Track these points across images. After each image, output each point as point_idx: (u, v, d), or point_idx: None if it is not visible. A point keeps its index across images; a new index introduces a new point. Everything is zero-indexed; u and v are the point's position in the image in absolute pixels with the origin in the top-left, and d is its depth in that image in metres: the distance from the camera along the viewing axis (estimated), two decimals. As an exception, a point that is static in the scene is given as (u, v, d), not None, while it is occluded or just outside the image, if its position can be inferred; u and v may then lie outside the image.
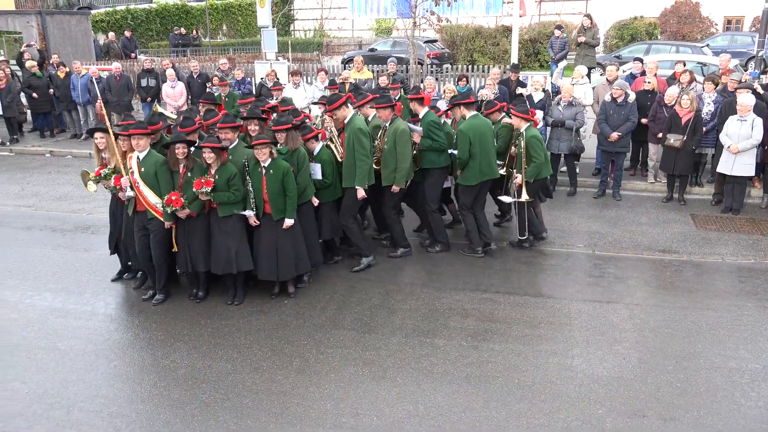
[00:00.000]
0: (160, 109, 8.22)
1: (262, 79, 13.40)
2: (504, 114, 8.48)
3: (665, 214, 9.67)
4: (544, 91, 10.79)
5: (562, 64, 13.15)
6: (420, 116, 7.99)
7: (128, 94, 14.71)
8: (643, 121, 10.29)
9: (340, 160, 7.52)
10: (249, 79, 14.69)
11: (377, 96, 7.84)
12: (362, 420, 5.01)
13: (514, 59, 14.74)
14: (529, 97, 10.56)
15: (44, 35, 19.93)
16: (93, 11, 28.75)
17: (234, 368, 5.71)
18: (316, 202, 7.31)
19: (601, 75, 15.20)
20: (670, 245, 8.47)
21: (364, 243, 7.85)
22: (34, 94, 14.83)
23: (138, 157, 6.61)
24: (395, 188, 7.64)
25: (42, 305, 7.00)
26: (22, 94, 15.29)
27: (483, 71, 15.36)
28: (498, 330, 6.34)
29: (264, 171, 6.64)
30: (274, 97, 11.37)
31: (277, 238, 6.80)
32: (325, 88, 11.66)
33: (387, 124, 7.67)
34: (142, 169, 6.55)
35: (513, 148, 8.14)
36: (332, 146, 7.65)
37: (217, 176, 6.45)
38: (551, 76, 13.29)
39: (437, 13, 14.67)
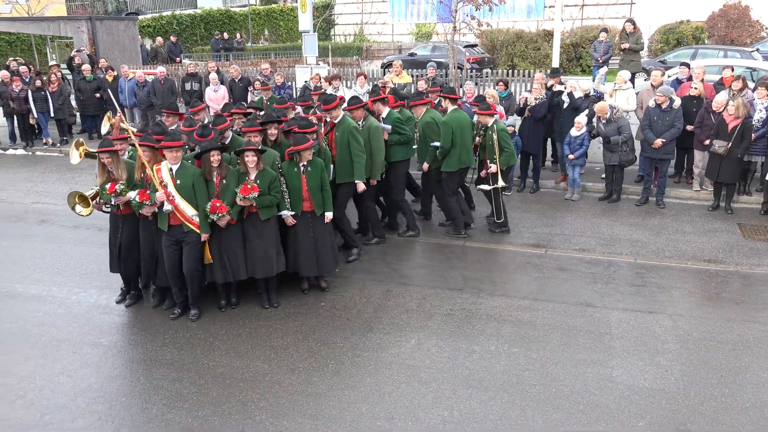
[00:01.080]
0: (123, 125, 7.22)
1: (306, 82, 13.55)
2: (426, 109, 8.99)
3: (711, 223, 9.41)
4: (587, 96, 10.65)
5: (604, 69, 12.92)
6: (384, 115, 8.64)
7: (172, 98, 15.05)
8: (689, 127, 10.04)
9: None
10: (289, 83, 14.87)
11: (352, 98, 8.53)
12: (397, 424, 5.01)
13: (555, 64, 14.57)
14: (570, 95, 10.45)
15: (94, 40, 20.55)
16: (140, 17, 29.56)
17: (271, 369, 5.77)
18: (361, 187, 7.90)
19: (645, 80, 14.89)
20: (716, 255, 8.23)
21: (354, 236, 8.50)
22: (97, 94, 15.18)
23: (171, 170, 6.35)
24: (372, 181, 8.33)
25: (88, 302, 7.21)
26: (72, 96, 15.79)
27: (523, 76, 15.22)
28: (535, 337, 6.26)
29: (303, 169, 6.84)
30: (315, 103, 11.50)
31: (315, 234, 7.02)
32: (366, 93, 11.73)
33: (361, 123, 8.20)
34: (178, 182, 6.31)
35: (477, 138, 8.94)
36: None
37: (258, 181, 6.54)
38: (593, 81, 13.08)
39: (477, 17, 14.61)
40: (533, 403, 5.24)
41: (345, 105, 8.37)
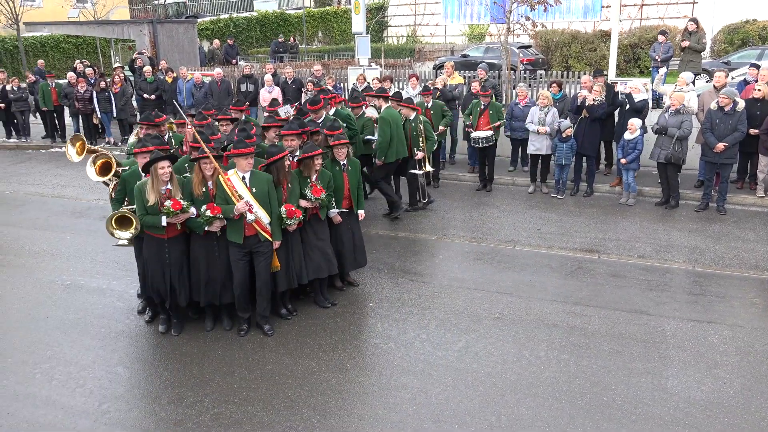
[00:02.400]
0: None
1: (354, 84, 13.65)
2: (364, 110, 9.88)
3: (776, 231, 9.01)
4: (653, 99, 10.40)
5: (663, 70, 12.54)
6: (332, 113, 9.07)
7: (228, 99, 15.41)
8: (753, 131, 9.64)
9: None
10: (341, 85, 14.99)
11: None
12: (443, 427, 4.98)
13: (612, 65, 14.23)
14: (629, 95, 10.20)
15: (155, 43, 21.23)
16: (199, 20, 30.39)
17: (319, 367, 5.84)
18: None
19: (707, 82, 14.38)
20: (781, 265, 7.88)
21: (395, 197, 9.90)
22: (152, 96, 15.70)
23: (244, 178, 6.10)
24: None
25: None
26: (133, 97, 16.35)
27: (578, 77, 14.90)
28: (587, 345, 6.12)
29: (344, 168, 7.07)
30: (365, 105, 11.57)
31: (353, 231, 7.26)
32: (418, 93, 11.73)
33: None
34: (254, 190, 6.06)
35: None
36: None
37: (319, 181, 6.63)
38: (652, 82, 12.72)
39: (532, 18, 14.40)
40: (583, 411, 5.13)
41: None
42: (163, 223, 5.95)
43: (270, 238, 6.19)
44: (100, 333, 6.58)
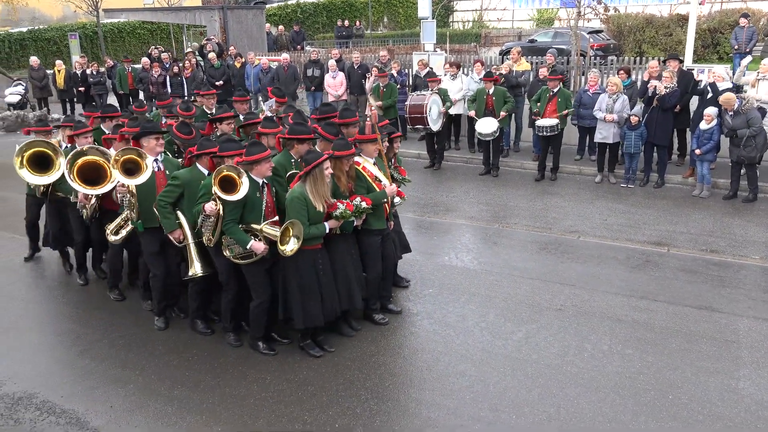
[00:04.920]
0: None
1: (416, 70, 13.59)
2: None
3: None
4: (737, 90, 9.90)
5: (747, 60, 11.80)
6: None
7: (294, 84, 15.63)
8: None
9: None
10: (405, 71, 14.95)
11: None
12: (500, 416, 4.95)
13: (689, 50, 13.58)
14: (713, 84, 9.73)
15: (225, 28, 21.75)
16: (267, 6, 30.90)
17: (377, 350, 5.89)
18: None
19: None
20: None
21: None
22: (219, 82, 16.13)
23: (376, 163, 6.05)
24: None
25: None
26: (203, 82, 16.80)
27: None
28: (653, 340, 5.93)
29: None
30: (429, 88, 11.52)
31: None
32: (480, 79, 11.58)
33: None
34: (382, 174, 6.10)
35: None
36: None
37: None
38: (733, 72, 12.06)
39: (604, 1, 13.93)
40: (647, 408, 4.99)
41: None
42: (327, 230, 5.55)
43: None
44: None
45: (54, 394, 5.35)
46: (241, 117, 7.61)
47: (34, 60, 18.43)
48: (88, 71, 17.28)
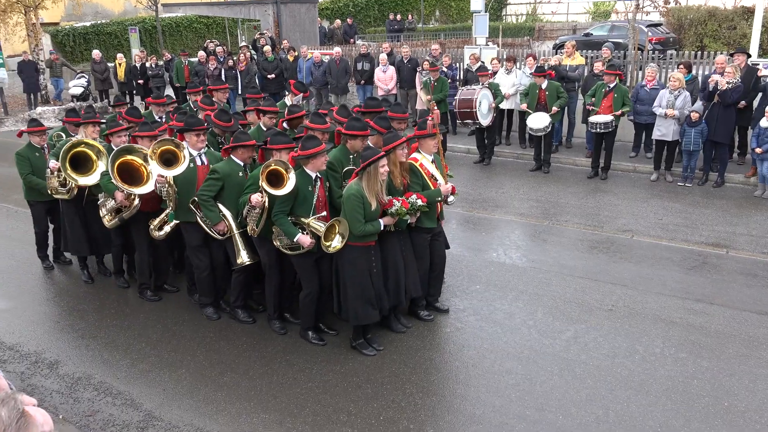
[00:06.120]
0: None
1: (467, 64, 13.47)
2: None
3: None
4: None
5: None
6: None
7: (345, 77, 15.73)
8: None
9: None
10: (456, 65, 14.83)
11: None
12: (546, 416, 4.89)
13: (755, 45, 13.02)
14: None
15: (278, 22, 22.03)
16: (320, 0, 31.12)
17: (423, 345, 5.90)
18: None
19: None
20: None
21: None
22: (271, 75, 16.36)
23: (434, 161, 6.05)
24: None
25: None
26: (257, 75, 17.08)
27: (712, 58, 13.79)
28: (708, 345, 5.74)
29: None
30: (480, 83, 11.41)
31: None
32: (531, 73, 11.40)
33: None
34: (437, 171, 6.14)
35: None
36: None
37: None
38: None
39: (665, -6, 13.47)
40: (700, 415, 4.84)
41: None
42: (382, 227, 5.48)
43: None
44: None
45: (110, 376, 5.56)
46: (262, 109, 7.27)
47: (96, 53, 19.10)
48: (147, 64, 17.79)
